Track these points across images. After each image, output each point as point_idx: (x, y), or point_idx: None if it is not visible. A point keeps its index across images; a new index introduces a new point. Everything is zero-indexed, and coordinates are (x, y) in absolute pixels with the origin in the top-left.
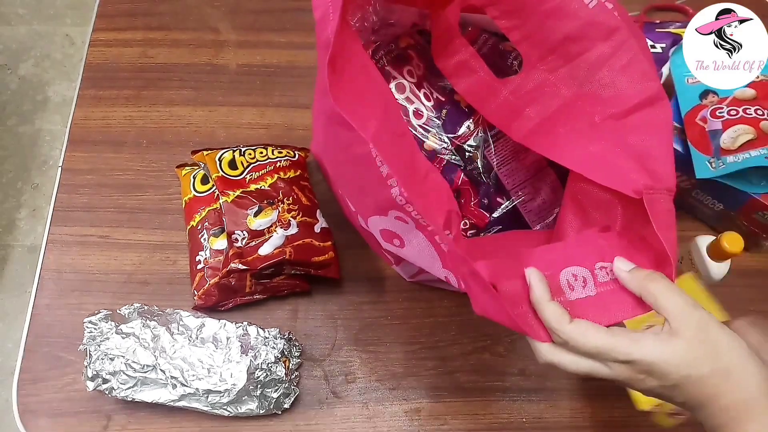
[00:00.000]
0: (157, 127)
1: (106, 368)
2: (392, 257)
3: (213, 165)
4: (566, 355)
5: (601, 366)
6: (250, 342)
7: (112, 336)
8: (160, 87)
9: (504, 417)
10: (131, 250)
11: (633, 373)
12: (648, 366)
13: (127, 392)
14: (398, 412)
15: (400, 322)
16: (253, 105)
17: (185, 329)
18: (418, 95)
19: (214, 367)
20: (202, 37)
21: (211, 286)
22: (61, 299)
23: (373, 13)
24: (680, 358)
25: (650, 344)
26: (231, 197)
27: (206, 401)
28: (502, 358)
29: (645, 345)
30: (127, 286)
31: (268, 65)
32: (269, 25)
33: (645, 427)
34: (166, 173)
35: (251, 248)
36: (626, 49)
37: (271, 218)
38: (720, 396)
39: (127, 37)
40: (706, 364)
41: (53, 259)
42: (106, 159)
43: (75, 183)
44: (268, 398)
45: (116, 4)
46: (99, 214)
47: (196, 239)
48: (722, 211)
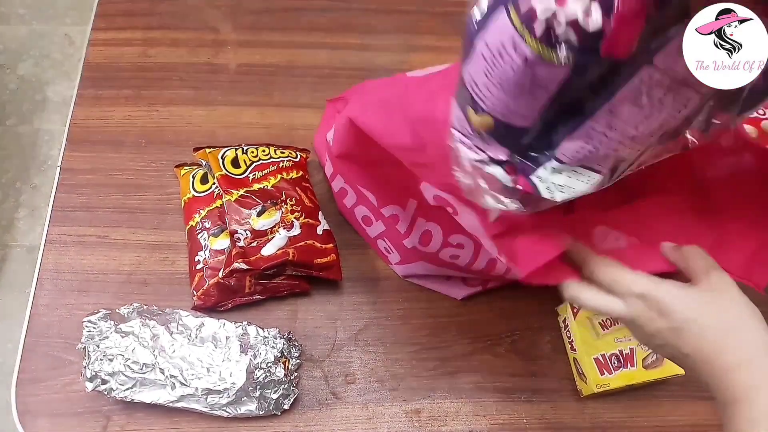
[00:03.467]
0: (157, 126)
1: (105, 369)
2: (389, 255)
3: (216, 163)
4: (587, 291)
5: (617, 302)
6: (249, 341)
7: (111, 335)
8: (160, 87)
9: (504, 417)
10: (130, 250)
11: (646, 310)
12: (659, 303)
13: (126, 393)
14: (398, 413)
15: (400, 322)
16: (253, 105)
17: (184, 328)
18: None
19: (213, 366)
20: (201, 37)
21: (211, 286)
22: (60, 299)
23: None
24: (690, 301)
25: (667, 284)
26: (234, 196)
27: (205, 402)
28: (503, 358)
29: (662, 284)
30: (126, 287)
31: (268, 65)
32: (269, 24)
33: (646, 427)
34: (165, 173)
35: (253, 248)
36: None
37: (274, 219)
38: (720, 352)
39: (126, 37)
40: (711, 316)
41: (52, 259)
42: (106, 159)
43: (74, 183)
44: (268, 399)
45: (116, 3)
46: (98, 214)
47: (195, 239)
48: None
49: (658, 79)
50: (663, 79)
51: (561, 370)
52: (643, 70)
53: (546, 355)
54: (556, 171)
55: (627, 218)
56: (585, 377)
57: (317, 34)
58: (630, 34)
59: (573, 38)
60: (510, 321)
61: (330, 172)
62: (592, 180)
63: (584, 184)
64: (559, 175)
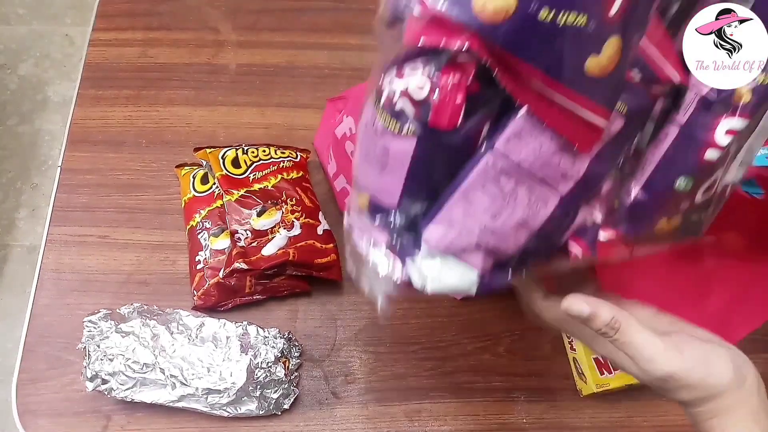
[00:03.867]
0: (157, 126)
1: (105, 369)
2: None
3: (216, 163)
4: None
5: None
6: (249, 341)
7: (111, 335)
8: (160, 87)
9: (504, 417)
10: (131, 250)
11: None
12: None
13: (127, 393)
14: (398, 413)
15: (400, 322)
16: (253, 105)
17: (185, 328)
18: None
19: (213, 365)
20: (202, 37)
21: (211, 286)
22: (60, 299)
23: None
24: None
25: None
26: (235, 196)
27: (206, 402)
28: (503, 358)
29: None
30: (126, 287)
31: (268, 65)
32: (269, 25)
33: (647, 427)
34: (165, 173)
35: (254, 248)
36: None
37: (274, 219)
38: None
39: (127, 37)
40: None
41: (53, 259)
42: (106, 159)
43: (74, 183)
44: (268, 399)
45: (116, 3)
46: (98, 214)
47: (195, 239)
48: None
49: (504, 167)
50: (508, 167)
51: (561, 370)
52: (488, 153)
53: (546, 355)
54: (427, 258)
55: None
56: (585, 377)
57: (317, 34)
58: (451, 106)
59: (409, 109)
60: (510, 321)
61: (333, 171)
62: (467, 276)
63: (455, 279)
64: (431, 264)
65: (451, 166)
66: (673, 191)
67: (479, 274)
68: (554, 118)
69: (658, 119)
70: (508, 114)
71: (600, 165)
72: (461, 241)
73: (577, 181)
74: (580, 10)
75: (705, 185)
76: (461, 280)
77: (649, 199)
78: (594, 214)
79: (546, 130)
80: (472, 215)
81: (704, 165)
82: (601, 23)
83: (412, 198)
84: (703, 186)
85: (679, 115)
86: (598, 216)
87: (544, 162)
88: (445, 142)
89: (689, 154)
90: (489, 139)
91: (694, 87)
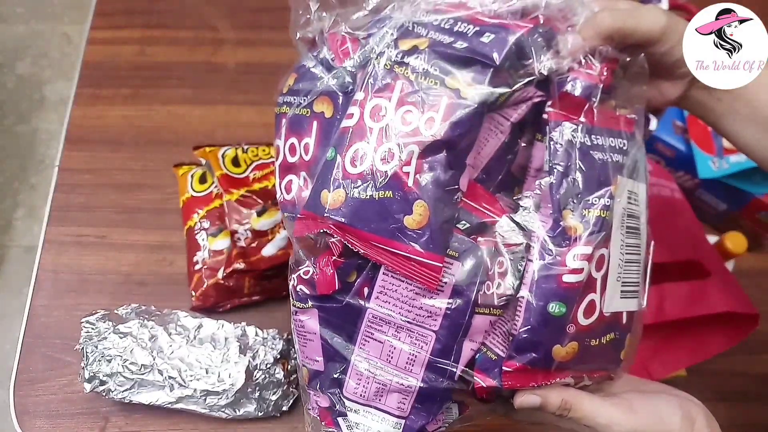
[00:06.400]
0: (155, 126)
1: (103, 370)
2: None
3: (216, 162)
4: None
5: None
6: (248, 342)
7: (109, 335)
8: (159, 86)
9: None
10: (128, 250)
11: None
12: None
13: (125, 394)
14: None
15: None
16: (252, 104)
17: (183, 329)
18: None
19: (212, 367)
20: (200, 36)
21: (209, 286)
22: (57, 300)
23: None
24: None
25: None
26: (235, 195)
27: (204, 403)
28: None
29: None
30: (124, 287)
31: (267, 63)
32: (268, 23)
33: None
34: (163, 173)
35: (254, 248)
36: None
37: (275, 219)
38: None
39: (125, 36)
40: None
41: (50, 260)
42: (104, 158)
43: (72, 183)
44: (267, 401)
45: (114, 2)
46: (96, 214)
47: (193, 239)
48: (725, 211)
49: (383, 318)
50: (386, 317)
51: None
52: (368, 310)
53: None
54: (352, 412)
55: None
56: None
57: None
58: (326, 277)
59: (307, 290)
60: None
61: None
62: (388, 420)
63: (379, 425)
64: (356, 416)
65: (348, 324)
66: (549, 316)
67: (400, 416)
68: (399, 264)
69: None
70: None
71: (459, 300)
72: (372, 388)
73: (443, 317)
74: (386, 189)
75: (581, 308)
76: (384, 425)
77: (530, 328)
78: (496, 347)
79: (401, 279)
80: (372, 362)
81: (568, 287)
82: (404, 193)
83: (331, 361)
84: (580, 308)
85: (531, 255)
86: (500, 349)
87: (410, 306)
88: (336, 305)
89: (550, 282)
90: (369, 296)
91: (535, 233)
